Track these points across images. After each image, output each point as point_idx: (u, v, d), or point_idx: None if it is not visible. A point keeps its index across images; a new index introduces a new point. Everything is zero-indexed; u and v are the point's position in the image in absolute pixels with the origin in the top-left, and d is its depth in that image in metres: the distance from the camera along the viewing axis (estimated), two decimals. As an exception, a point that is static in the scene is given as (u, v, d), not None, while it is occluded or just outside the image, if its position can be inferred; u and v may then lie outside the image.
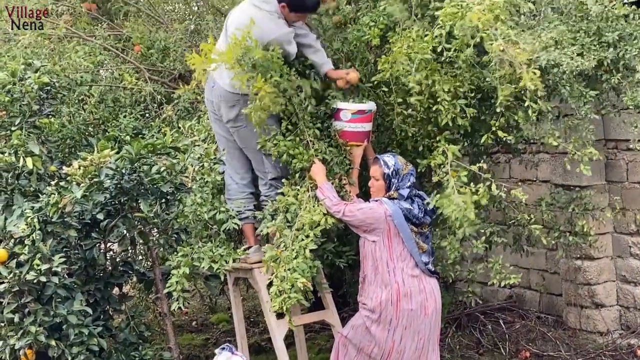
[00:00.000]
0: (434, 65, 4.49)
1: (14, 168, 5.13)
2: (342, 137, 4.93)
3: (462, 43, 4.22)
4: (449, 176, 4.47)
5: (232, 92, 4.77)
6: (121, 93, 6.96)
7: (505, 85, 4.21)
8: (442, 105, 4.46)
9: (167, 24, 7.84)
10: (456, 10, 4.18)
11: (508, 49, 4.02)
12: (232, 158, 5.11)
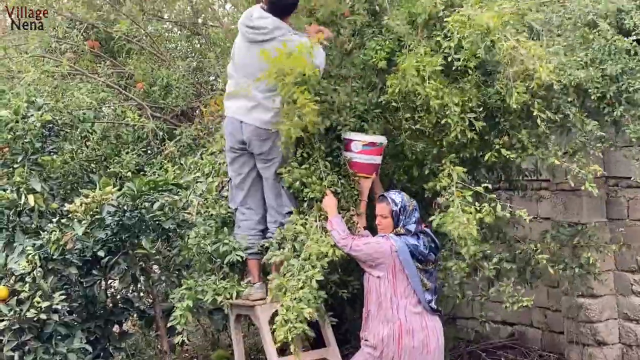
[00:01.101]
0: (442, 80, 4.53)
1: (15, 205, 5.14)
2: (351, 168, 4.95)
3: (471, 53, 4.27)
4: (454, 196, 4.50)
5: (265, 128, 4.80)
6: (124, 130, 7.00)
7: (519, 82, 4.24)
8: (451, 118, 4.49)
9: (169, 61, 7.90)
10: (465, 19, 4.24)
11: (520, 47, 4.07)
12: (248, 194, 5.11)
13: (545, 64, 4.04)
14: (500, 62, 4.27)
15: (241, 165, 5.07)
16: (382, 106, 4.93)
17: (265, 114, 4.80)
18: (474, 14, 4.22)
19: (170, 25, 9.05)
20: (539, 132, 4.59)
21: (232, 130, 4.94)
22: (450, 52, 4.36)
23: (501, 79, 4.39)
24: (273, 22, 4.79)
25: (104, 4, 8.09)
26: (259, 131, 4.84)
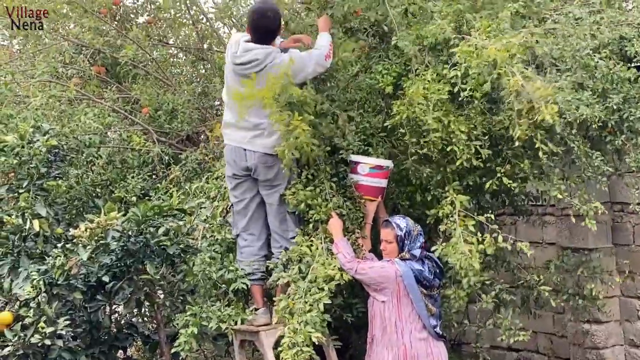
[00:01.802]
0: (449, 107, 4.55)
1: (21, 230, 5.14)
2: (357, 191, 4.96)
3: (478, 83, 4.29)
4: (456, 225, 4.49)
5: (271, 154, 4.81)
6: (129, 154, 7.01)
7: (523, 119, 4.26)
8: (457, 146, 4.50)
9: (175, 86, 7.94)
10: (472, 50, 4.26)
11: (526, 84, 4.08)
12: (250, 220, 5.10)
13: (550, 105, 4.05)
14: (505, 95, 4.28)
15: (244, 191, 5.07)
16: (388, 130, 4.94)
17: (270, 139, 4.80)
18: (481, 44, 4.24)
19: (176, 51, 9.11)
20: (542, 163, 4.60)
21: (235, 158, 4.94)
22: (457, 81, 4.38)
23: (505, 111, 4.40)
24: (262, 51, 4.78)
25: (110, 29, 8.15)
26: (266, 158, 4.85)
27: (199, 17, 8.36)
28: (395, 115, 4.71)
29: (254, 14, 4.89)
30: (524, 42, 4.32)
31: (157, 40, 8.63)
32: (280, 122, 4.41)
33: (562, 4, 5.11)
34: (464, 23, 4.71)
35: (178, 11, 8.50)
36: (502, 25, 4.47)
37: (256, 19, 4.84)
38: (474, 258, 4.32)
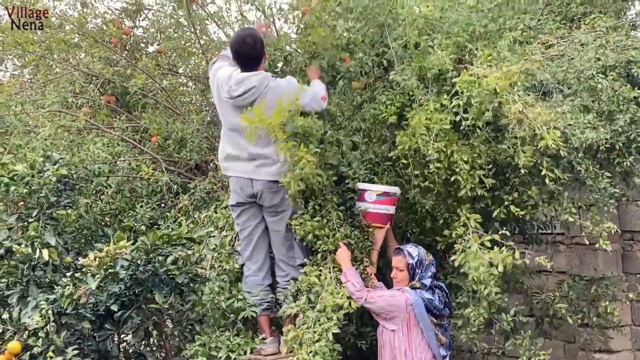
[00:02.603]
0: (452, 136, 4.55)
1: (30, 259, 5.15)
2: (365, 218, 4.96)
3: (480, 111, 4.30)
4: (471, 241, 4.48)
5: (276, 180, 4.82)
6: (138, 183, 7.03)
7: (527, 147, 4.26)
8: (460, 175, 4.50)
9: (184, 115, 7.98)
10: (473, 79, 4.27)
11: (527, 111, 4.09)
12: (254, 248, 5.10)
13: (552, 130, 4.06)
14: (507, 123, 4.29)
15: (248, 218, 5.08)
16: (393, 160, 4.95)
17: (274, 166, 4.82)
18: (482, 73, 4.26)
19: (185, 80, 9.16)
20: (550, 189, 4.59)
21: (242, 185, 4.96)
22: (459, 110, 4.39)
23: (509, 139, 4.41)
24: (256, 78, 4.81)
25: (120, 59, 8.21)
26: (271, 184, 4.86)
27: (209, 46, 8.40)
28: (398, 146, 4.72)
29: (233, 42, 4.96)
30: (525, 69, 4.33)
31: (166, 70, 8.69)
32: (285, 152, 4.42)
33: (568, 32, 5.14)
34: (465, 53, 4.73)
35: (188, 40, 8.57)
36: (503, 54, 4.49)
37: (237, 47, 4.90)
38: (497, 262, 4.30)
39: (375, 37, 5.08)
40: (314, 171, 4.44)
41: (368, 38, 5.05)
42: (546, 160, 4.34)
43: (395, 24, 5.07)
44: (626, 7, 6.27)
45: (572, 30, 5.23)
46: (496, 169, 4.70)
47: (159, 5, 8.73)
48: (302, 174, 4.41)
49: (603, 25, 5.06)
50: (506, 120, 4.28)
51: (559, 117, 4.29)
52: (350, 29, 5.07)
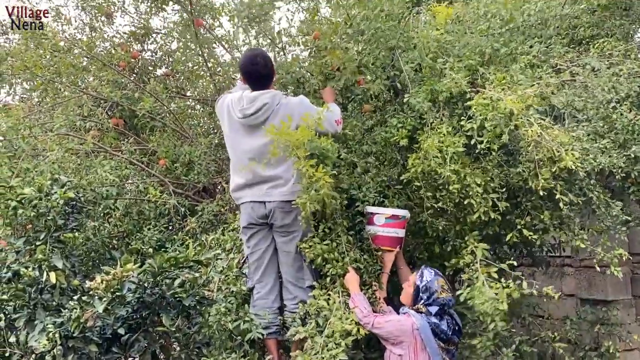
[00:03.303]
0: (465, 160, 4.55)
1: (37, 282, 5.14)
2: (374, 242, 4.95)
3: (494, 134, 4.30)
4: (478, 273, 4.47)
5: (288, 200, 4.81)
6: (146, 206, 7.03)
7: (544, 169, 4.25)
8: (473, 199, 4.49)
9: (192, 138, 7.99)
10: (488, 102, 4.28)
11: (545, 133, 4.09)
12: (264, 271, 5.09)
13: (570, 152, 4.06)
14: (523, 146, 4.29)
15: (258, 241, 5.07)
16: (404, 183, 4.94)
17: (287, 187, 4.82)
18: (496, 96, 4.26)
19: (193, 103, 9.19)
20: (562, 214, 4.58)
21: (254, 207, 4.95)
22: (473, 133, 4.39)
23: (524, 162, 4.41)
24: (268, 95, 4.86)
25: (128, 82, 8.24)
26: (283, 204, 4.86)
27: (216, 69, 8.43)
28: (410, 169, 4.71)
29: (243, 62, 4.98)
30: (540, 93, 4.34)
31: (174, 93, 8.72)
32: (307, 171, 4.41)
33: (577, 55, 5.14)
34: (478, 76, 4.75)
35: (195, 64, 8.60)
36: (517, 77, 4.51)
37: (247, 66, 4.94)
38: (502, 299, 4.29)
39: (386, 60, 5.08)
40: (331, 192, 4.44)
41: (379, 61, 5.06)
42: (560, 184, 4.34)
43: (406, 47, 5.09)
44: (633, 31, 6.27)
45: (581, 53, 5.24)
46: (508, 193, 4.69)
47: (167, 29, 8.77)
48: (319, 195, 4.40)
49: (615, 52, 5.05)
50: (523, 143, 4.28)
51: (574, 141, 4.29)
52: (362, 51, 5.09)
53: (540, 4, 5.46)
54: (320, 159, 4.44)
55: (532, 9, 5.42)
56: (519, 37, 5.25)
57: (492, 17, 5.32)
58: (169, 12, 8.28)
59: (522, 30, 5.41)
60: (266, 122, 4.82)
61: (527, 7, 5.44)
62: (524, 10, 5.44)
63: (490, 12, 5.35)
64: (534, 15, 5.50)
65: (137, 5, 8.48)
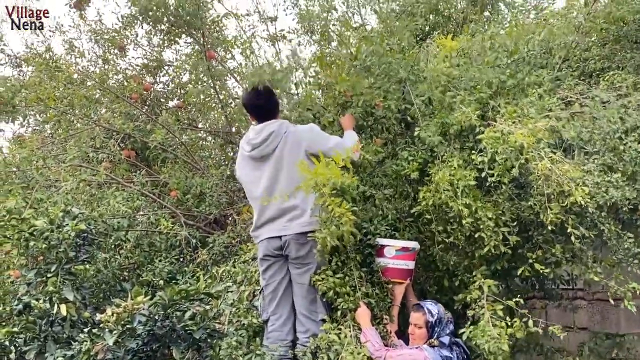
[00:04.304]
0: (476, 193, 4.54)
1: (48, 315, 5.14)
2: (384, 274, 4.93)
3: (505, 168, 4.30)
4: (484, 309, 4.44)
5: (303, 231, 4.82)
6: (157, 237, 7.04)
7: (554, 203, 4.25)
8: (485, 232, 4.48)
9: (203, 169, 8.01)
10: (499, 135, 4.28)
11: (555, 167, 4.09)
12: (279, 303, 5.07)
13: (580, 187, 4.06)
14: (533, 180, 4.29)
15: (274, 273, 5.06)
16: (415, 216, 4.94)
17: (304, 217, 4.82)
18: (507, 129, 4.27)
19: (205, 134, 9.23)
20: (573, 248, 4.57)
21: (270, 240, 4.96)
22: (484, 166, 4.39)
23: (535, 195, 4.40)
24: (274, 124, 4.90)
25: (140, 114, 8.30)
26: (298, 236, 4.86)
27: (228, 101, 8.48)
28: (421, 202, 4.71)
29: (247, 99, 5.05)
30: (550, 126, 4.35)
31: (186, 124, 8.77)
32: (332, 207, 4.41)
33: (587, 88, 5.15)
34: (488, 109, 4.76)
35: (207, 95, 8.65)
36: (527, 110, 4.51)
37: (251, 101, 5.01)
38: (503, 341, 4.26)
39: (396, 93, 5.11)
40: (352, 229, 4.44)
41: (390, 94, 5.08)
42: (571, 217, 4.33)
43: (416, 79, 5.11)
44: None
45: (591, 86, 5.25)
46: (520, 227, 4.68)
47: (180, 61, 8.84)
48: (340, 231, 4.40)
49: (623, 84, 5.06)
50: (533, 176, 4.28)
51: (585, 175, 4.29)
52: (372, 85, 5.11)
53: (544, 33, 5.48)
54: (340, 193, 4.45)
55: (536, 39, 5.45)
56: (525, 68, 5.27)
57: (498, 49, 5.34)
58: (182, 44, 8.35)
59: (527, 61, 5.43)
60: (276, 150, 4.85)
61: (531, 37, 5.47)
62: (528, 40, 5.47)
63: (495, 43, 5.37)
64: (538, 45, 5.53)
65: (149, 38, 8.56)
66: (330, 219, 4.41)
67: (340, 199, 4.39)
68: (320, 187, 4.40)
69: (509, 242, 4.56)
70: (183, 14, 7.18)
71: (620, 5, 5.74)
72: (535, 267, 4.56)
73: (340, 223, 4.36)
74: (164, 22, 7.40)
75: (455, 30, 7.22)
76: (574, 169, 4.19)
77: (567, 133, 4.51)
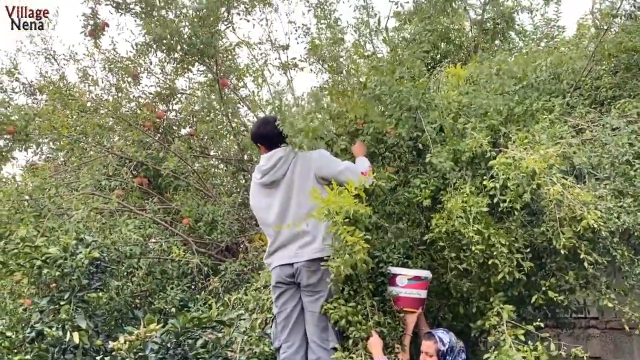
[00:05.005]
0: (489, 220, 4.54)
1: (60, 343, 5.15)
2: (396, 303, 4.91)
3: (517, 194, 4.30)
4: (505, 335, 4.41)
5: (315, 258, 4.82)
6: (169, 265, 7.05)
7: (566, 228, 4.24)
8: (498, 259, 4.47)
9: (215, 197, 8.04)
10: (510, 161, 4.29)
11: (567, 192, 4.09)
12: (291, 330, 5.06)
13: (592, 211, 4.06)
14: (545, 205, 4.29)
15: (286, 300, 5.05)
16: (427, 243, 4.93)
17: (316, 242, 4.82)
18: (519, 155, 4.28)
19: (217, 162, 9.27)
20: (587, 274, 4.55)
21: (282, 267, 4.97)
22: (496, 192, 4.40)
23: (547, 221, 4.40)
24: (283, 150, 4.92)
25: (153, 142, 8.35)
26: (309, 263, 4.86)
27: (240, 129, 8.53)
28: (434, 229, 4.71)
29: (256, 129, 5.11)
30: (562, 152, 4.36)
31: (198, 152, 8.82)
32: (336, 236, 4.41)
33: (598, 116, 5.16)
34: (500, 136, 4.77)
35: (219, 123, 8.71)
36: (538, 137, 4.53)
37: (261, 128, 5.06)
38: None
39: (408, 120, 5.13)
40: (365, 257, 4.44)
41: (402, 122, 5.10)
42: (584, 243, 4.32)
43: (428, 107, 5.13)
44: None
45: (602, 113, 5.26)
46: (532, 254, 4.68)
47: (192, 89, 8.91)
48: (353, 259, 4.40)
49: (634, 111, 5.07)
50: (545, 202, 4.28)
51: (597, 200, 4.29)
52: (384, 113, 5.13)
53: (551, 59, 5.50)
54: (353, 222, 4.46)
55: (543, 65, 5.47)
56: (533, 94, 5.29)
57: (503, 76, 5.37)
58: (195, 72, 8.42)
59: (535, 87, 5.45)
60: (286, 175, 4.88)
61: (538, 63, 5.49)
62: (536, 66, 5.49)
63: (502, 70, 5.40)
64: (545, 71, 5.55)
65: (163, 66, 8.63)
66: (344, 248, 4.41)
67: (353, 227, 4.39)
68: (333, 215, 4.40)
69: (524, 269, 4.55)
70: (196, 42, 7.25)
71: (631, 35, 5.76)
72: (548, 294, 4.54)
73: (353, 252, 4.36)
74: (177, 50, 7.47)
75: (466, 59, 7.26)
76: (586, 193, 4.19)
77: (578, 159, 4.52)
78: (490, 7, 7.82)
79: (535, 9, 7.85)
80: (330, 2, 7.71)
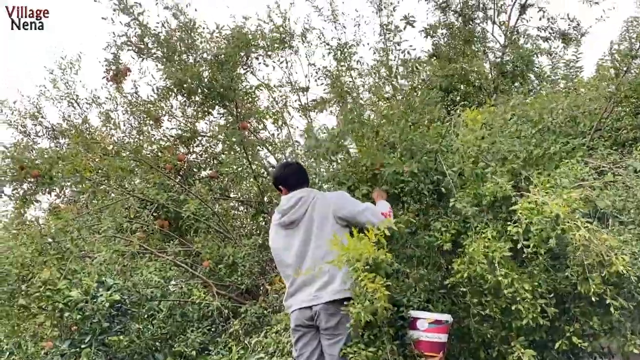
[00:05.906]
0: (511, 265, 4.52)
1: (81, 386, 5.15)
2: (417, 347, 4.87)
3: (541, 238, 4.27)
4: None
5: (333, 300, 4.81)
6: (189, 307, 7.04)
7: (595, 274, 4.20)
8: (522, 304, 4.44)
9: (235, 239, 8.05)
10: (533, 206, 4.27)
11: (593, 237, 4.07)
12: None
13: (621, 256, 4.04)
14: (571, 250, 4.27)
15: (305, 343, 5.03)
16: (448, 287, 4.91)
17: (336, 282, 4.80)
18: (542, 199, 4.27)
19: (237, 204, 9.30)
20: (611, 319, 4.50)
21: (301, 310, 4.95)
22: (519, 237, 4.38)
23: (572, 266, 4.37)
24: (303, 190, 4.96)
25: (174, 184, 8.40)
26: (327, 306, 4.84)
27: (260, 171, 8.57)
28: (455, 274, 4.70)
29: (277, 172, 5.17)
30: (585, 196, 4.34)
31: (219, 194, 8.85)
32: (357, 282, 4.40)
33: (620, 157, 5.15)
34: (520, 180, 4.77)
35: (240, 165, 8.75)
36: (560, 180, 4.51)
37: (283, 171, 5.13)
38: None
39: (428, 163, 5.14)
40: (386, 304, 4.42)
41: (422, 165, 5.11)
42: (609, 288, 4.28)
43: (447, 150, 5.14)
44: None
45: (624, 155, 5.24)
46: (556, 299, 4.64)
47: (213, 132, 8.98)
48: (374, 306, 4.38)
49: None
50: (571, 247, 4.26)
51: (622, 244, 4.26)
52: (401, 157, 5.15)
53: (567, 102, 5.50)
54: (373, 268, 4.45)
55: (559, 108, 5.47)
56: (550, 137, 5.29)
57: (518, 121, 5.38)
58: (215, 115, 8.49)
59: (552, 130, 5.45)
60: (305, 215, 4.89)
61: (554, 106, 5.49)
62: (552, 109, 5.50)
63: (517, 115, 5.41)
64: (562, 114, 5.55)
65: (184, 109, 8.72)
66: (364, 294, 4.39)
67: (373, 274, 4.38)
68: (353, 262, 4.40)
69: (547, 314, 4.51)
70: (217, 86, 7.34)
71: (650, 77, 5.78)
72: (572, 340, 4.49)
73: (374, 298, 4.34)
74: (198, 94, 7.56)
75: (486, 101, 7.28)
76: (612, 238, 4.17)
77: (601, 202, 4.50)
78: (510, 50, 7.86)
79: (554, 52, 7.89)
80: (350, 45, 7.81)
